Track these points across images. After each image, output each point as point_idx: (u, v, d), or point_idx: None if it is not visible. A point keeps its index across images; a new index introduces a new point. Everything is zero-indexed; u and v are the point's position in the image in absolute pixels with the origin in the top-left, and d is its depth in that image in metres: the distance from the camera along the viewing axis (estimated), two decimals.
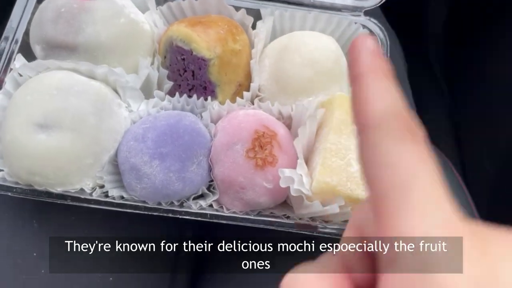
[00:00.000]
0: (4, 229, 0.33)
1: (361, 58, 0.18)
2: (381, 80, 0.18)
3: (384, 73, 0.18)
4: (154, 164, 0.29)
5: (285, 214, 0.32)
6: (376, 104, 0.17)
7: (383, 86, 0.17)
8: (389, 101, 0.17)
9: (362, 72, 0.18)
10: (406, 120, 0.16)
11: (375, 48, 0.18)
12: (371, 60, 0.18)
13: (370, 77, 0.18)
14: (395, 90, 0.17)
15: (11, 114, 0.30)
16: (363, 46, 0.18)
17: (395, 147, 0.16)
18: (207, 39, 0.32)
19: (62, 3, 0.33)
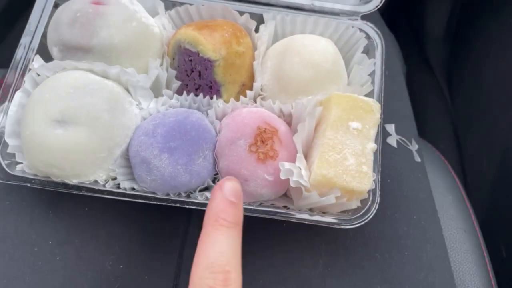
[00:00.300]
0: (22, 218, 0.35)
1: (209, 206, 0.25)
2: (214, 232, 0.23)
3: (223, 223, 0.24)
4: (163, 157, 0.31)
5: (285, 205, 0.34)
6: (202, 260, 0.23)
7: (213, 240, 0.23)
8: (213, 257, 0.22)
9: (204, 223, 0.24)
10: (220, 277, 0.22)
11: (230, 192, 0.25)
12: (217, 209, 0.24)
13: (207, 229, 0.24)
14: (226, 243, 0.23)
15: (31, 111, 0.32)
16: (216, 192, 0.25)
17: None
18: (213, 42, 0.34)
19: (78, 8, 0.35)
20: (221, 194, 0.25)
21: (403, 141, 0.43)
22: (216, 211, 0.25)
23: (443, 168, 0.57)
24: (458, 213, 0.51)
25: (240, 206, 0.26)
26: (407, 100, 0.49)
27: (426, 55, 0.97)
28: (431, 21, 0.97)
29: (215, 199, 0.25)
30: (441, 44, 0.95)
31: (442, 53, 0.94)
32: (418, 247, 0.36)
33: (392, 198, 0.38)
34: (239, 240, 0.24)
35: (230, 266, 0.22)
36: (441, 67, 0.94)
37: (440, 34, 0.95)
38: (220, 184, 0.26)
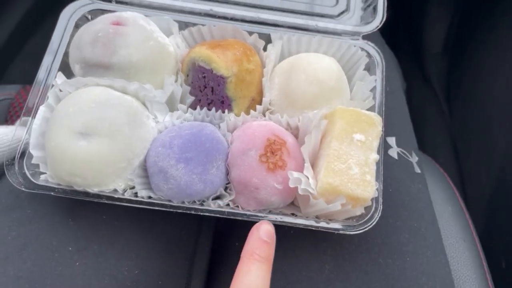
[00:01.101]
0: (43, 226, 0.37)
1: (247, 242, 0.30)
2: (248, 264, 0.29)
3: (256, 258, 0.29)
4: (180, 167, 0.33)
5: (293, 213, 0.36)
6: (236, 285, 0.28)
7: (247, 270, 0.28)
8: (245, 284, 0.27)
9: (242, 255, 0.30)
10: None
11: (264, 233, 0.30)
12: (252, 245, 0.30)
13: (243, 261, 0.29)
14: (256, 274, 0.28)
15: (55, 124, 0.35)
16: (253, 232, 0.31)
17: None
18: (225, 60, 0.37)
19: (99, 28, 0.38)
20: (257, 234, 0.31)
21: (404, 153, 0.45)
22: (252, 247, 0.30)
23: (442, 180, 0.58)
24: (457, 223, 0.53)
25: (272, 246, 0.31)
26: (407, 115, 0.52)
27: (425, 71, 0.99)
28: (429, 38, 1.00)
29: (252, 237, 0.31)
30: (439, 60, 0.97)
31: (440, 68, 0.97)
32: (419, 253, 0.38)
33: (393, 207, 0.40)
34: (268, 273, 0.29)
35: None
36: (440, 83, 0.96)
37: (438, 50, 0.98)
38: (257, 226, 0.31)
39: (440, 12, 0.97)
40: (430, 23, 0.99)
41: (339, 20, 0.44)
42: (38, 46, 0.93)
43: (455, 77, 0.91)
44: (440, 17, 0.97)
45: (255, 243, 0.30)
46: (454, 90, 0.91)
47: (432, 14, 0.99)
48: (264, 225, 0.31)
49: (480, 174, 0.74)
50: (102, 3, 0.43)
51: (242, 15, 0.43)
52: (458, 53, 0.92)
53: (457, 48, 0.92)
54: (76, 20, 0.42)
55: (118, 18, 0.39)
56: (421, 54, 1.01)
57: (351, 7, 0.45)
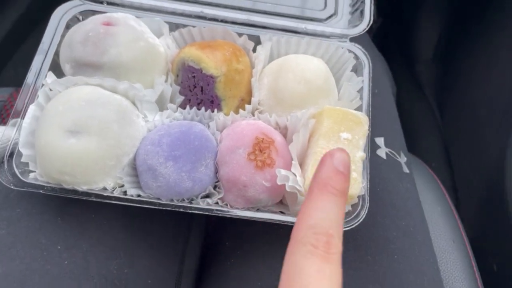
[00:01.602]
0: (32, 224, 0.37)
1: (318, 172, 0.24)
2: (321, 197, 0.23)
3: (331, 190, 0.23)
4: (169, 165, 0.34)
5: (281, 211, 0.37)
6: (305, 220, 0.22)
7: (319, 204, 0.23)
8: (317, 219, 0.22)
9: (312, 186, 0.24)
10: (323, 239, 0.21)
11: (340, 162, 0.24)
12: (326, 175, 0.24)
13: (314, 193, 0.23)
14: (330, 208, 0.22)
15: (45, 122, 0.35)
16: (326, 159, 0.24)
17: (302, 261, 0.21)
18: (215, 60, 0.37)
19: (90, 28, 0.38)
20: (331, 162, 0.24)
21: (392, 154, 0.46)
22: (325, 177, 0.24)
23: (432, 181, 0.59)
24: (447, 224, 0.53)
25: (348, 178, 0.25)
26: (395, 116, 0.52)
27: (417, 77, 1.01)
28: (420, 44, 1.01)
29: (325, 165, 0.24)
30: (430, 65, 0.99)
31: (432, 73, 0.98)
32: (407, 251, 0.38)
33: (382, 206, 0.40)
34: (343, 210, 0.24)
35: (333, 230, 0.22)
36: (432, 88, 0.97)
37: (429, 57, 0.99)
38: (331, 152, 0.25)
39: (430, 20, 0.99)
40: (421, 30, 1.01)
41: (328, 23, 0.45)
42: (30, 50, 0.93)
43: (446, 82, 0.92)
44: (430, 24, 0.99)
45: (329, 173, 0.24)
46: (445, 95, 0.92)
47: (423, 21, 1.00)
48: (339, 153, 0.25)
49: (471, 178, 0.75)
50: (93, 4, 0.44)
51: (232, 17, 0.44)
52: (448, 60, 0.93)
53: (448, 55, 0.94)
54: (67, 21, 0.42)
55: (109, 19, 0.39)
56: (413, 61, 1.02)
57: (339, 11, 0.46)
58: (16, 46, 0.91)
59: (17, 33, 0.88)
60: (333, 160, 0.24)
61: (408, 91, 0.99)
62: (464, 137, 0.81)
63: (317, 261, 0.21)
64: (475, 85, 0.80)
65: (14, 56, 0.91)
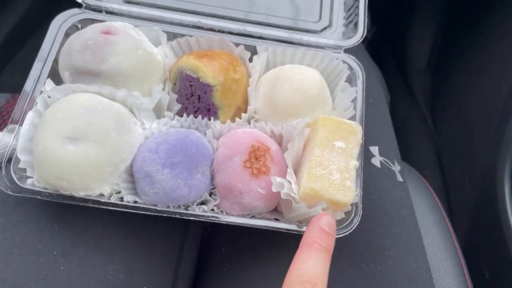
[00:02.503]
0: (29, 230, 0.37)
1: (307, 231, 0.29)
2: (309, 253, 0.27)
3: (317, 246, 0.28)
4: (166, 172, 0.34)
5: (276, 218, 0.37)
6: (295, 270, 0.27)
7: (306, 258, 0.27)
8: (304, 270, 0.26)
9: (302, 243, 0.28)
10: (308, 286, 0.25)
11: (325, 224, 0.29)
12: (313, 234, 0.29)
13: (303, 249, 0.28)
14: (316, 262, 0.27)
15: (44, 129, 0.35)
16: (314, 222, 0.30)
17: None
18: (212, 69, 0.38)
19: (89, 37, 0.39)
20: (318, 223, 0.30)
21: (386, 162, 0.47)
22: (313, 236, 0.29)
23: (425, 190, 0.60)
24: (439, 232, 0.54)
25: (332, 237, 0.30)
26: (390, 125, 0.53)
27: (410, 86, 1.02)
28: (413, 53, 1.03)
29: (313, 226, 0.30)
30: (424, 73, 1.00)
31: (425, 82, 0.99)
32: (401, 258, 0.39)
33: (376, 213, 0.41)
34: (327, 263, 0.28)
35: (317, 279, 0.26)
36: (425, 97, 0.99)
37: (423, 66, 1.01)
38: (318, 216, 0.31)
39: (424, 28, 1.01)
40: (414, 39, 1.02)
41: (322, 35, 0.46)
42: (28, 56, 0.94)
43: (439, 91, 0.94)
44: (424, 33, 1.01)
45: (315, 233, 0.29)
46: (438, 104, 0.93)
47: (416, 30, 1.02)
48: (325, 216, 0.30)
49: (463, 185, 0.76)
50: (92, 13, 0.44)
51: (229, 28, 0.45)
52: (442, 68, 0.95)
53: (441, 63, 0.95)
54: (67, 29, 0.43)
55: (108, 28, 0.40)
56: (406, 69, 1.04)
57: (333, 23, 0.47)
58: (13, 52, 0.91)
59: (14, 39, 0.89)
60: (320, 222, 0.30)
61: (401, 99, 1.00)
62: (456, 145, 0.82)
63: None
64: (468, 93, 0.81)
65: (11, 61, 0.91)
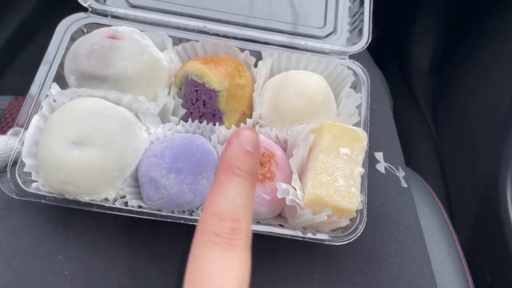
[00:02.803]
0: (33, 234, 0.37)
1: (224, 153, 0.23)
2: (226, 180, 0.21)
3: (236, 172, 0.21)
4: (171, 177, 0.34)
5: (280, 224, 0.37)
6: (209, 207, 0.21)
7: (224, 189, 0.21)
8: (221, 205, 0.21)
9: (217, 170, 0.22)
10: (227, 225, 0.20)
11: (246, 141, 0.22)
12: (231, 156, 0.22)
13: (218, 177, 0.22)
14: (236, 191, 0.21)
15: (49, 133, 0.35)
16: (232, 139, 0.22)
17: (204, 253, 0.20)
18: (218, 74, 0.38)
19: (96, 41, 0.39)
20: (237, 141, 0.23)
21: (391, 168, 0.47)
22: (230, 158, 0.22)
23: (428, 195, 0.60)
24: (442, 237, 0.54)
25: (256, 157, 0.23)
26: (394, 131, 0.53)
27: (412, 89, 1.02)
28: (415, 56, 1.03)
29: (231, 145, 0.23)
30: (426, 78, 1.00)
31: (427, 85, 0.99)
32: (405, 265, 0.39)
33: (381, 220, 0.41)
34: (251, 190, 0.23)
35: (239, 215, 0.21)
36: (427, 100, 0.99)
37: (424, 68, 1.01)
38: (238, 131, 0.23)
39: (426, 31, 1.01)
40: (416, 42, 1.03)
41: (327, 40, 0.46)
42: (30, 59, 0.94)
43: (441, 94, 0.94)
44: (426, 36, 1.01)
45: (234, 153, 0.22)
46: (440, 107, 0.93)
47: (418, 32, 1.02)
48: (245, 131, 0.23)
49: (465, 190, 0.76)
50: (98, 17, 0.44)
51: (234, 33, 0.45)
52: (444, 71, 0.95)
53: (443, 66, 0.95)
54: (72, 33, 0.43)
55: (114, 32, 0.40)
56: (408, 72, 1.04)
57: (338, 29, 0.47)
58: (15, 54, 0.91)
59: (16, 41, 0.89)
60: (240, 139, 0.23)
61: (403, 102, 1.00)
62: (458, 149, 0.82)
63: (220, 250, 0.20)
64: (470, 97, 0.81)
65: (13, 63, 0.91)
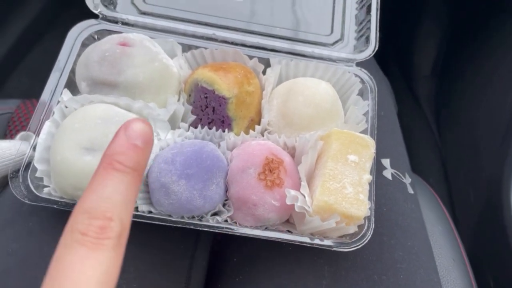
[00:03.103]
0: (44, 239, 0.37)
1: (108, 146, 0.21)
2: (104, 175, 0.20)
3: (117, 167, 0.20)
4: (181, 183, 0.35)
5: (289, 230, 0.38)
6: (81, 204, 0.20)
7: (100, 184, 0.20)
8: (94, 201, 0.19)
9: (99, 164, 0.21)
10: (96, 224, 0.19)
11: (135, 135, 0.21)
12: (114, 150, 0.21)
13: (97, 172, 0.21)
14: (113, 188, 0.19)
15: (61, 139, 0.36)
16: (120, 132, 0.21)
17: (64, 252, 0.18)
18: (227, 82, 0.39)
19: (107, 48, 0.39)
20: (123, 134, 0.22)
21: (398, 175, 0.47)
22: (112, 152, 0.21)
23: (433, 201, 0.60)
24: (447, 243, 0.54)
25: (145, 152, 0.22)
26: (400, 138, 0.54)
27: (415, 93, 1.02)
28: (418, 60, 1.03)
29: (116, 138, 0.22)
30: (428, 82, 1.01)
31: (429, 89, 1.00)
32: (412, 271, 0.39)
33: (388, 226, 0.41)
34: (133, 187, 0.21)
35: (112, 213, 0.20)
36: (430, 104, 0.99)
37: (427, 73, 1.01)
38: (127, 123, 0.22)
39: (429, 35, 1.01)
40: (419, 46, 1.03)
41: (334, 48, 0.47)
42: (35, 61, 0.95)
43: (444, 98, 0.94)
44: (429, 40, 1.01)
45: (118, 147, 0.21)
46: (443, 111, 0.94)
47: (421, 36, 1.03)
48: (136, 123, 0.22)
49: (468, 194, 0.76)
50: (109, 24, 0.45)
51: (243, 40, 0.45)
52: (447, 75, 0.95)
53: (446, 70, 0.96)
54: (83, 40, 0.44)
55: (125, 39, 0.40)
56: (411, 76, 1.04)
57: (345, 37, 0.47)
58: (21, 57, 0.92)
59: (22, 44, 0.90)
60: (127, 131, 0.22)
61: (406, 106, 1.00)
62: (461, 153, 0.83)
63: (83, 250, 0.18)
64: (473, 101, 0.82)
65: (19, 66, 0.92)
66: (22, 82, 0.92)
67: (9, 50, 0.87)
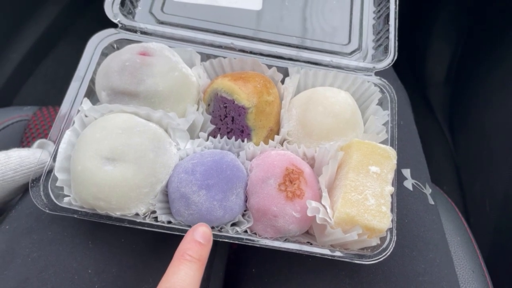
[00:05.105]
0: (64, 248, 0.37)
1: (181, 243, 0.30)
2: (178, 264, 0.28)
3: (187, 258, 0.29)
4: (202, 194, 0.34)
5: (309, 241, 0.37)
6: (163, 284, 0.27)
7: (175, 270, 0.28)
8: (171, 282, 0.27)
9: (173, 257, 0.29)
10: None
11: (200, 235, 0.30)
12: (184, 246, 0.30)
13: (173, 262, 0.29)
14: (185, 272, 0.28)
15: (82, 149, 0.36)
16: (188, 234, 0.31)
17: None
18: (247, 91, 0.39)
19: (127, 58, 0.40)
20: (191, 235, 0.31)
21: (418, 185, 0.46)
22: (184, 248, 0.30)
23: (451, 211, 0.59)
24: (466, 254, 0.53)
25: (206, 247, 0.31)
26: (419, 147, 0.53)
27: (429, 99, 1.01)
28: (432, 68, 1.02)
29: (186, 238, 0.31)
30: (442, 89, 1.00)
31: (443, 96, 0.99)
32: (435, 284, 0.38)
33: (410, 238, 0.41)
34: (199, 273, 0.29)
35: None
36: (443, 112, 0.98)
37: (441, 80, 1.00)
38: (193, 228, 0.31)
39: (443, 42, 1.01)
40: (432, 53, 1.02)
41: (352, 57, 0.47)
42: (50, 68, 0.96)
43: (458, 105, 0.93)
44: (443, 47, 1.00)
45: (187, 244, 0.30)
46: (457, 119, 0.92)
47: (435, 44, 1.02)
48: (200, 227, 0.31)
49: (484, 203, 0.75)
50: (128, 33, 0.45)
51: (260, 49, 0.45)
52: (461, 83, 0.94)
53: (460, 78, 0.94)
54: (103, 49, 0.44)
55: (145, 49, 0.41)
56: (425, 84, 1.03)
57: (363, 46, 0.47)
58: (35, 64, 0.93)
59: (37, 51, 0.91)
60: (194, 234, 0.31)
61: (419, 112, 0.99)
62: (476, 161, 0.82)
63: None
64: (487, 108, 0.80)
65: (34, 73, 0.93)
66: (37, 89, 0.93)
67: (25, 57, 0.88)
